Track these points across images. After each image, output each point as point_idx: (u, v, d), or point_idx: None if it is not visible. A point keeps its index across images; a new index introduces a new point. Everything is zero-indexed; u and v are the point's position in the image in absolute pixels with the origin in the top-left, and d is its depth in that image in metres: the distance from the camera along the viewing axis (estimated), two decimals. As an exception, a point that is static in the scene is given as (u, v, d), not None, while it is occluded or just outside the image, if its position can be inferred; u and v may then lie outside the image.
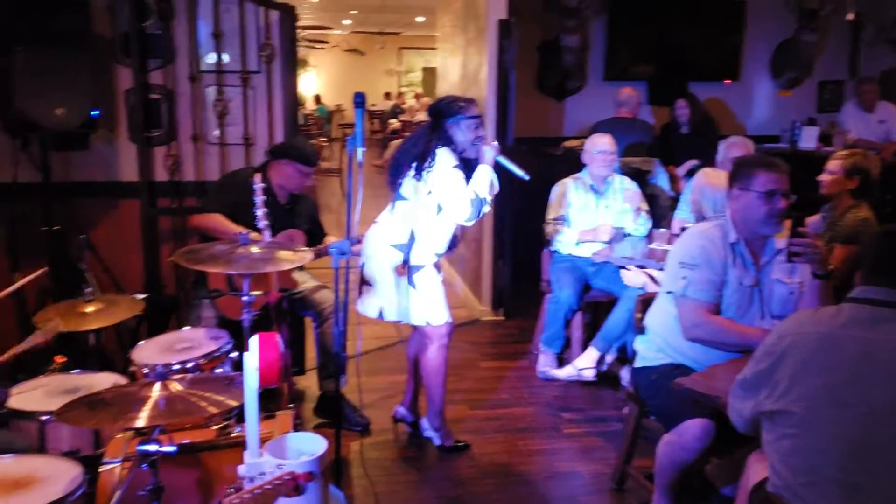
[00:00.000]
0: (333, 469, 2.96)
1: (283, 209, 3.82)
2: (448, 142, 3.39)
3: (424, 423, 3.73)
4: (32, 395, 2.59)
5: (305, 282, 3.94)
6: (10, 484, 2.08)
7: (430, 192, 3.38)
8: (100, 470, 2.22)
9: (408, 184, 3.41)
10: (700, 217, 4.11)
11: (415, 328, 3.63)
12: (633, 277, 4.19)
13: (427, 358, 3.58)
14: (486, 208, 3.41)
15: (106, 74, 4.21)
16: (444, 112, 3.42)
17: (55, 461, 2.22)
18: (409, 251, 3.42)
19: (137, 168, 4.26)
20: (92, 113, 3.91)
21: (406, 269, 3.44)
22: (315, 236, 3.93)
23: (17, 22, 3.69)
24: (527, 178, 3.44)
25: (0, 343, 4.12)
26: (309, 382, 4.27)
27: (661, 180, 5.46)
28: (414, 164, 3.39)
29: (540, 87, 6.75)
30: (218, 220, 3.59)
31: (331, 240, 3.86)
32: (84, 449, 2.46)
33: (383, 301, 3.47)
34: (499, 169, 3.45)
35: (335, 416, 3.06)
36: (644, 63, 6.81)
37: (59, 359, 2.86)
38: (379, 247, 3.45)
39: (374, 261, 3.45)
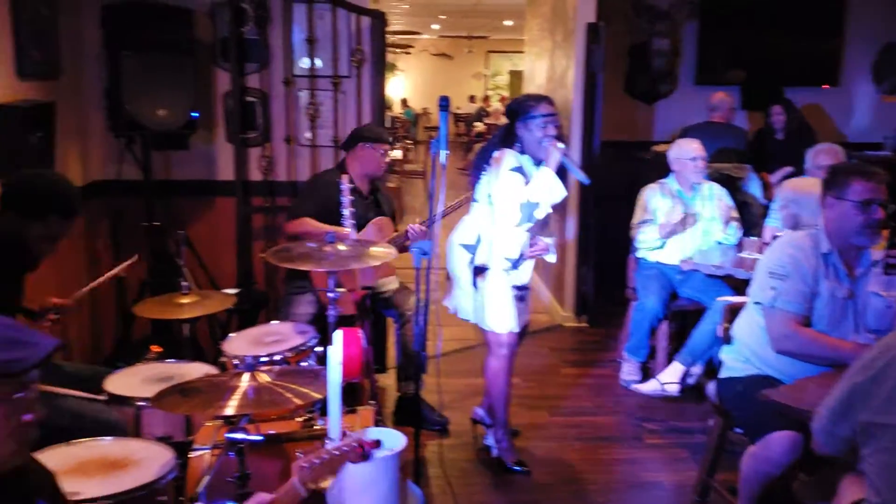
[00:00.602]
0: (412, 467, 3.00)
1: (367, 200, 3.92)
2: (514, 143, 3.31)
3: (490, 430, 3.66)
4: (130, 382, 2.72)
5: (390, 282, 4.00)
6: (109, 464, 2.20)
7: (489, 195, 3.34)
8: (190, 456, 2.32)
9: (479, 186, 3.40)
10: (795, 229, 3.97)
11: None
12: None
13: (487, 365, 3.52)
14: (540, 213, 3.26)
15: (205, 78, 4.38)
16: (516, 112, 3.33)
17: (149, 445, 2.34)
18: (475, 252, 3.38)
19: (233, 168, 4.42)
20: (192, 114, 4.07)
21: (473, 271, 3.40)
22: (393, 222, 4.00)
23: (127, 29, 3.88)
24: (587, 181, 3.36)
25: (101, 333, 4.37)
26: (391, 381, 4.34)
27: (754, 188, 5.31)
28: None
29: (629, 90, 6.66)
30: (309, 224, 3.69)
31: (408, 226, 3.91)
32: (176, 435, 2.56)
33: (460, 298, 3.49)
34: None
35: (414, 415, 3.11)
36: (738, 67, 6.63)
37: (155, 348, 3.00)
38: (453, 245, 3.46)
39: (451, 258, 3.47)
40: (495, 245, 3.35)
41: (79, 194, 2.82)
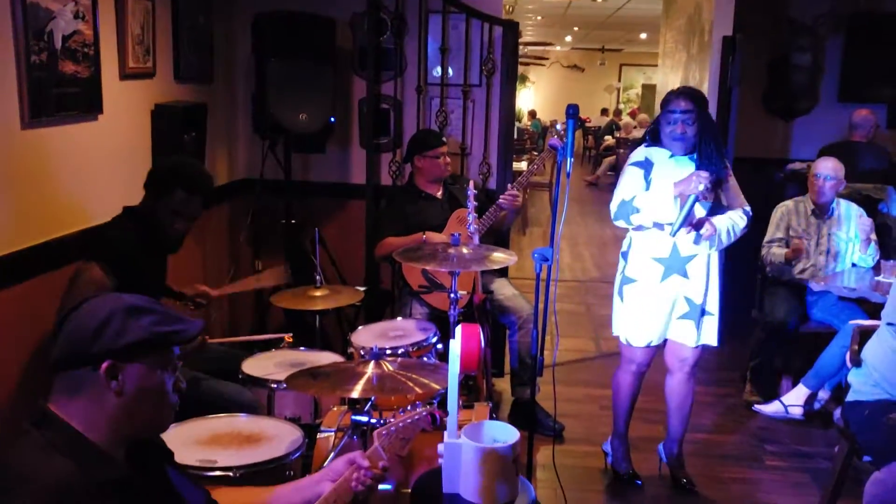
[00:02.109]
0: (525, 470, 3.05)
1: (440, 202, 4.05)
2: (649, 136, 3.30)
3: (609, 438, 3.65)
4: (265, 365, 2.92)
5: (504, 289, 4.07)
6: (243, 438, 2.39)
7: None
8: (318, 437, 2.47)
9: None
10: None
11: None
12: None
13: (614, 376, 3.53)
14: (638, 220, 3.13)
15: (344, 85, 4.60)
16: (662, 104, 3.28)
17: (281, 424, 2.51)
18: (626, 259, 3.35)
19: (365, 172, 4.61)
20: (330, 119, 4.29)
21: (621, 280, 3.37)
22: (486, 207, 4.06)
23: (274, 37, 4.14)
24: (673, 234, 3.13)
25: (239, 320, 4.65)
26: (507, 386, 4.40)
27: (895, 209, 5.06)
28: None
29: (766, 106, 6.47)
30: (390, 242, 3.86)
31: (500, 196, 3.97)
32: (304, 417, 2.74)
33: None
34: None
35: (528, 417, 3.16)
36: (885, 85, 6.30)
37: (288, 338, 3.20)
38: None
39: None
40: (641, 248, 3.29)
41: (206, 175, 2.97)
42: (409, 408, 1.78)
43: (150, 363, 1.45)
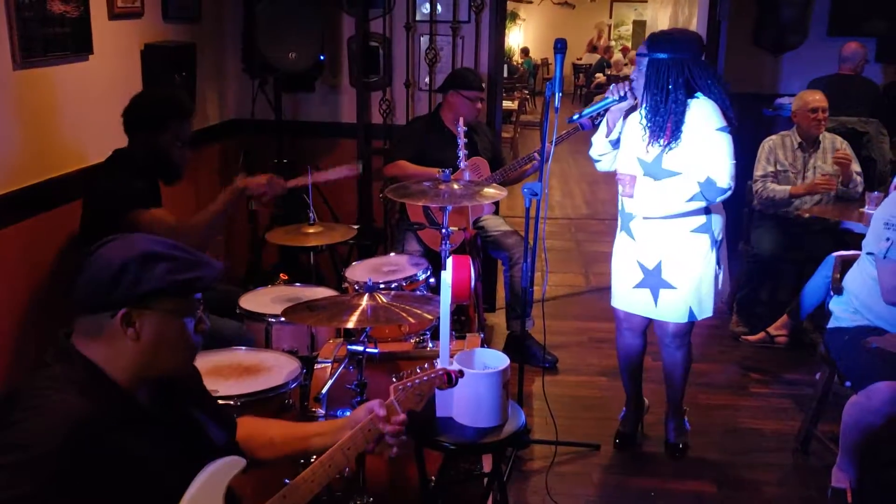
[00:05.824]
0: (517, 399, 3.15)
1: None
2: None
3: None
4: (262, 300, 2.99)
5: (499, 226, 4.13)
6: (243, 369, 2.47)
7: None
8: (315, 367, 2.55)
9: None
10: None
11: None
12: None
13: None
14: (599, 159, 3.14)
15: (332, 22, 4.57)
16: None
17: (279, 356, 2.59)
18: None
19: (356, 111, 4.61)
20: (319, 57, 4.27)
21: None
22: (497, 164, 4.12)
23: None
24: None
25: (237, 256, 4.70)
26: (499, 320, 4.50)
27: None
28: None
29: (756, 41, 6.45)
30: (405, 166, 3.90)
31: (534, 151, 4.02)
32: (301, 350, 2.81)
33: None
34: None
35: (520, 349, 3.24)
36: (877, 17, 6.26)
37: (283, 276, 3.26)
38: None
39: None
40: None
41: (187, 97, 3.02)
42: (426, 366, 1.83)
43: (168, 310, 1.46)
